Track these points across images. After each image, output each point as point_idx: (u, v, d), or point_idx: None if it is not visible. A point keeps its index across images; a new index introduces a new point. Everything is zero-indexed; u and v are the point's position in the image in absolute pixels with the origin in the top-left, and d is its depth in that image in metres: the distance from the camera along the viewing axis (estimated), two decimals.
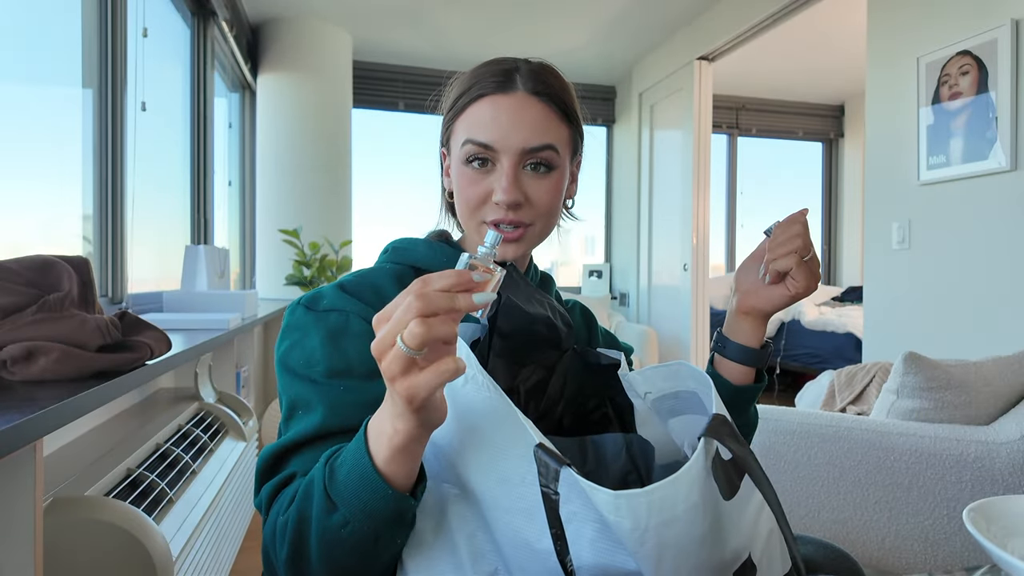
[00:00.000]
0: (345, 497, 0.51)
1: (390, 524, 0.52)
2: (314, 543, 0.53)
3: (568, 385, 0.68)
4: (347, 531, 0.51)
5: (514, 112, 0.69)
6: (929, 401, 1.35)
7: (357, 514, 0.51)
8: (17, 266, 0.89)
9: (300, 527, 0.54)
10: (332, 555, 0.53)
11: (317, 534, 0.52)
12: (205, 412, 1.76)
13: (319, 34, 3.82)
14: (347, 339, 0.64)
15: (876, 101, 2.59)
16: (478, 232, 0.72)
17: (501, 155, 0.69)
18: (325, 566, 0.53)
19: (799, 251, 0.68)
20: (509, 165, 0.68)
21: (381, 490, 0.50)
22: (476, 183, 0.70)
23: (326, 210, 3.84)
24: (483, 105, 0.70)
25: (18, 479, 0.72)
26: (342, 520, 0.51)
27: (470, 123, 0.70)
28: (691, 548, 0.43)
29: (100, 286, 1.84)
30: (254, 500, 0.62)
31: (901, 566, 1.32)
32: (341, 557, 0.53)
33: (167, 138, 2.61)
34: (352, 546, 0.52)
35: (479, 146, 0.69)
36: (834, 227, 5.67)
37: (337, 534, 0.52)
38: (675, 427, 0.63)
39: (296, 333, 0.66)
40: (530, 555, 0.48)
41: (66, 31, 1.76)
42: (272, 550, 0.57)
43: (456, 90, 0.74)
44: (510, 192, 0.68)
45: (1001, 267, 2.09)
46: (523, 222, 0.70)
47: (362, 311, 0.66)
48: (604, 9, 3.64)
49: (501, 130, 0.68)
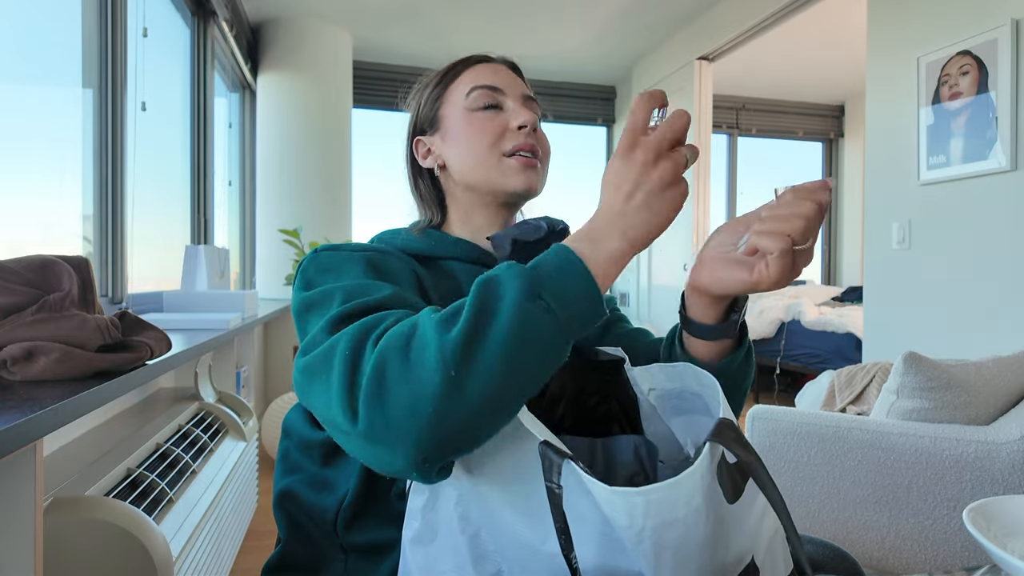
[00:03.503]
0: (551, 287, 0.47)
1: (580, 333, 0.49)
2: (501, 328, 0.45)
3: (569, 384, 0.68)
4: (546, 323, 0.46)
5: (505, 72, 0.80)
6: (929, 401, 1.35)
7: (563, 305, 0.47)
8: (17, 266, 0.89)
9: (481, 310, 0.46)
10: (515, 352, 0.45)
11: (510, 318, 0.45)
12: (205, 412, 1.76)
13: (319, 34, 3.82)
14: (388, 263, 0.65)
15: (876, 101, 2.59)
16: (499, 167, 0.75)
17: (508, 97, 0.77)
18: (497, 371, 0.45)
19: (795, 235, 0.53)
20: (517, 103, 0.77)
21: (589, 283, 0.49)
22: (491, 119, 0.75)
23: (326, 210, 3.84)
24: (479, 67, 0.79)
25: (18, 479, 0.72)
26: (545, 307, 0.46)
27: (472, 77, 0.78)
28: (693, 551, 0.43)
29: (100, 286, 1.84)
30: (295, 377, 0.52)
31: (901, 566, 1.32)
32: (527, 355, 0.46)
33: (167, 138, 2.61)
34: (543, 348, 0.47)
35: (488, 88, 0.76)
36: (834, 227, 5.67)
37: (536, 325, 0.46)
38: (678, 425, 0.63)
39: (329, 275, 0.61)
40: (534, 557, 0.48)
41: (66, 31, 1.76)
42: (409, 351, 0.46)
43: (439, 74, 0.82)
44: (529, 114, 0.75)
45: (1001, 267, 2.09)
46: (538, 151, 0.77)
47: (390, 249, 0.69)
48: (604, 9, 3.64)
49: (503, 79, 0.78)
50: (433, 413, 0.44)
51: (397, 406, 0.44)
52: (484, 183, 0.76)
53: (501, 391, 0.45)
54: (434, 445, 0.45)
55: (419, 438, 0.44)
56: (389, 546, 0.66)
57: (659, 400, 0.62)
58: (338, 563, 0.69)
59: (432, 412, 0.44)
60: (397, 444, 0.45)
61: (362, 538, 0.67)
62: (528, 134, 0.75)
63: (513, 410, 0.48)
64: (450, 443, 0.46)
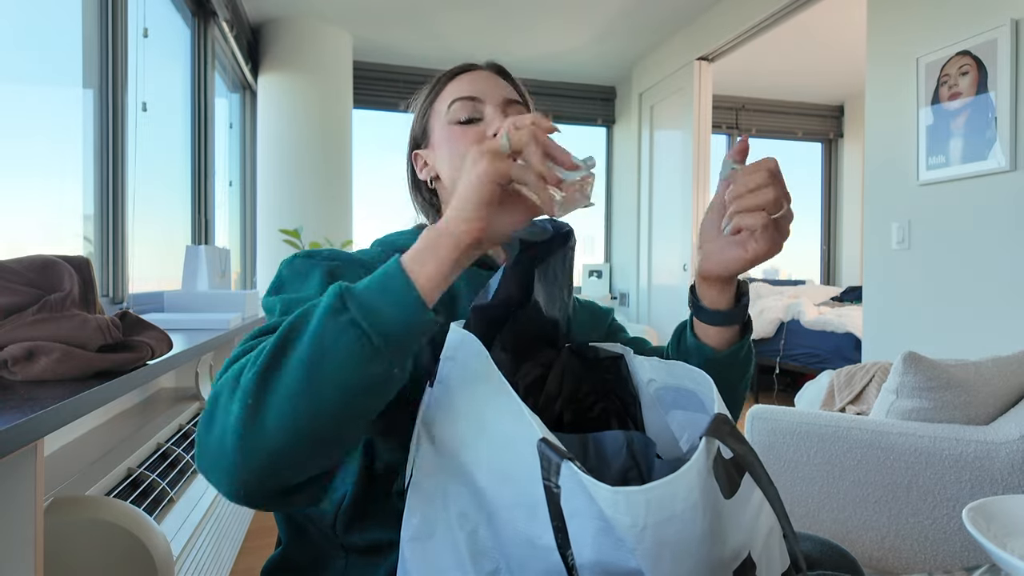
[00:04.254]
0: (360, 300, 0.46)
1: (400, 343, 0.46)
2: (300, 350, 0.44)
3: (566, 382, 0.68)
4: (349, 337, 0.44)
5: (487, 79, 0.79)
6: (928, 401, 1.35)
7: (369, 315, 0.45)
8: (18, 266, 0.89)
9: (286, 337, 0.45)
10: (315, 372, 0.44)
11: (311, 335, 0.45)
12: None
13: (319, 34, 3.82)
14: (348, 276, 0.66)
15: (876, 101, 2.59)
16: None
17: (486, 105, 0.77)
18: (296, 392, 0.44)
19: (767, 207, 0.56)
20: (495, 111, 0.76)
21: (407, 292, 0.46)
22: (467, 132, 0.76)
23: (326, 210, 3.84)
24: (460, 78, 0.80)
25: (19, 479, 0.72)
26: (348, 320, 0.45)
27: (452, 90, 0.78)
28: (691, 546, 0.43)
29: (101, 286, 1.85)
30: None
31: (901, 566, 1.32)
32: (324, 379, 0.44)
33: (168, 138, 2.61)
34: (344, 362, 0.44)
35: (466, 100, 0.76)
36: (834, 227, 5.67)
37: (336, 338, 0.44)
38: (675, 420, 0.63)
39: (297, 279, 0.65)
40: (532, 553, 0.48)
41: (67, 31, 1.76)
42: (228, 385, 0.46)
43: (427, 88, 0.83)
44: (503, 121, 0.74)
45: (1001, 267, 2.09)
46: None
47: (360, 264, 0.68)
48: (604, 9, 3.64)
49: (482, 87, 0.78)
50: (237, 444, 0.44)
51: (212, 438, 0.46)
52: None
53: (303, 415, 0.44)
54: (248, 475, 0.45)
55: (231, 469, 0.45)
56: (389, 546, 0.66)
57: (658, 393, 0.62)
58: (338, 564, 0.69)
59: (235, 443, 0.44)
60: (215, 473, 0.46)
61: (362, 538, 0.67)
62: None
63: (337, 438, 0.47)
64: (265, 472, 0.45)
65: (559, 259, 0.68)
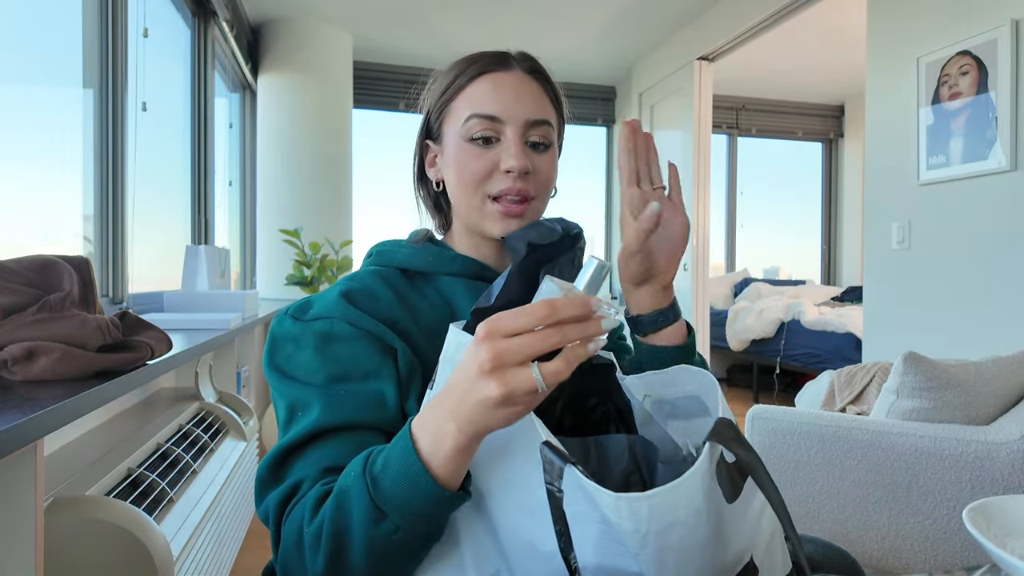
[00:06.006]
0: (395, 503, 0.50)
1: (443, 523, 0.53)
2: (358, 553, 0.52)
3: (567, 385, 0.68)
4: (398, 537, 0.51)
5: (515, 87, 0.71)
6: (929, 401, 1.35)
7: (410, 519, 0.50)
8: (18, 266, 0.89)
9: (338, 539, 0.52)
10: (380, 562, 0.52)
11: (363, 544, 0.51)
12: (206, 412, 1.76)
13: (319, 34, 3.82)
14: (336, 344, 0.64)
15: (876, 101, 2.59)
16: (481, 209, 0.72)
17: (507, 126, 0.70)
18: (372, 572, 0.53)
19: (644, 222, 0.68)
20: (515, 136, 0.70)
21: (436, 494, 0.49)
22: (480, 156, 0.70)
23: (327, 210, 3.84)
24: (484, 81, 0.71)
25: (19, 479, 0.72)
26: (392, 527, 0.50)
27: (472, 99, 0.71)
28: (694, 552, 0.43)
29: (101, 286, 1.84)
30: (257, 509, 0.61)
31: (901, 566, 1.32)
32: (390, 562, 0.52)
33: (168, 138, 2.61)
34: (404, 551, 0.52)
35: (485, 119, 0.70)
36: (834, 227, 5.67)
37: (387, 542, 0.51)
38: (675, 429, 0.63)
39: (289, 345, 0.66)
40: (533, 557, 0.48)
41: (67, 31, 1.76)
42: (301, 561, 0.55)
43: (448, 77, 0.74)
44: (520, 158, 0.69)
45: (1001, 267, 2.09)
46: (528, 193, 0.71)
47: (347, 314, 0.65)
48: (604, 9, 3.64)
49: (505, 102, 0.70)
50: None
51: None
52: (467, 218, 0.74)
53: None
54: None
55: None
56: None
57: (654, 407, 0.62)
58: None
59: None
60: None
61: None
62: (518, 178, 0.70)
63: None
64: None
65: (567, 260, 0.67)
